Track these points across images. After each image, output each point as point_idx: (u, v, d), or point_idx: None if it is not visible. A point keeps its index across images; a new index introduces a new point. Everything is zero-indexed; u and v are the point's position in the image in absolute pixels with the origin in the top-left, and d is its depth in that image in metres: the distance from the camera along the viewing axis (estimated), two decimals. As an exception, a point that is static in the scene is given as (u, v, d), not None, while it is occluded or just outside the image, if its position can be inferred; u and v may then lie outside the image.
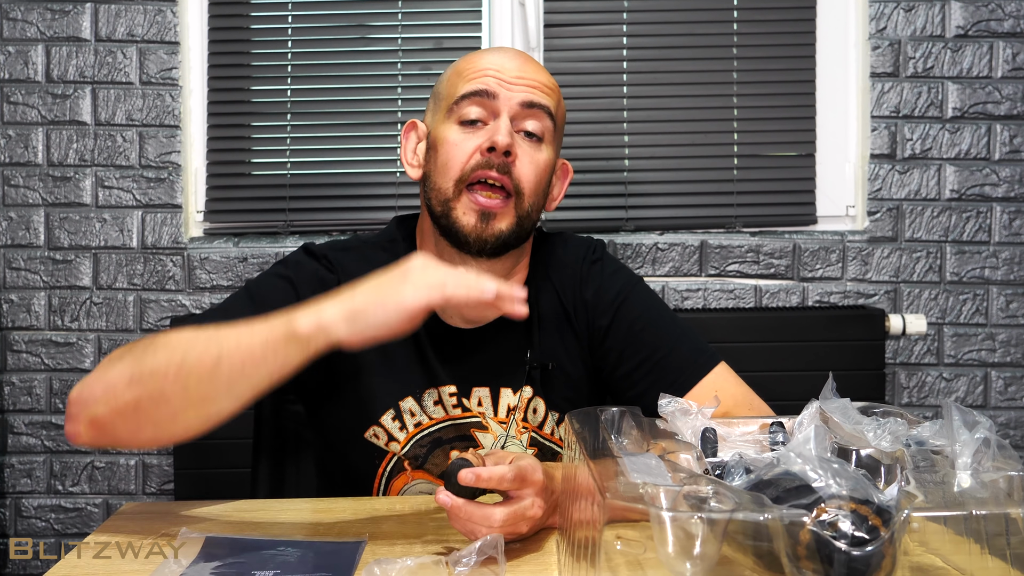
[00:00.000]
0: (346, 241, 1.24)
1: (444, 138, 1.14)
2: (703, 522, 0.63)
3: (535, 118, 1.14)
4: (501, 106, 1.12)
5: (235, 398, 0.93)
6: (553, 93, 1.17)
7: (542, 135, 1.15)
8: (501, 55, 1.16)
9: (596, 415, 0.85)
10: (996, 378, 2.09)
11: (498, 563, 0.83)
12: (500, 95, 1.12)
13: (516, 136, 1.13)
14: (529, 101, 1.13)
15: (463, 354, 1.18)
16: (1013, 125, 2.07)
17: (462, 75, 1.15)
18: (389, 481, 1.17)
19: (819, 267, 2.07)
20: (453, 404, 1.18)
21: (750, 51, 2.09)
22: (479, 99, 1.12)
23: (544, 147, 1.15)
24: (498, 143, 1.09)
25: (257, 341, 0.91)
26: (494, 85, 1.12)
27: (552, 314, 1.21)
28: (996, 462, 0.71)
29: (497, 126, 1.11)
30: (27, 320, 2.07)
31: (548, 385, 1.20)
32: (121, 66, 2.06)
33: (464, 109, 1.13)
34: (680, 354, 1.17)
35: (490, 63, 1.14)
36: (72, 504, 2.08)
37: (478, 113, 1.13)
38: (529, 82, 1.14)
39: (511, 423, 1.18)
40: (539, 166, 1.14)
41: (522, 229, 1.14)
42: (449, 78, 1.18)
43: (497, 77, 1.13)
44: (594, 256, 1.24)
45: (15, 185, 2.06)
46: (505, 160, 1.11)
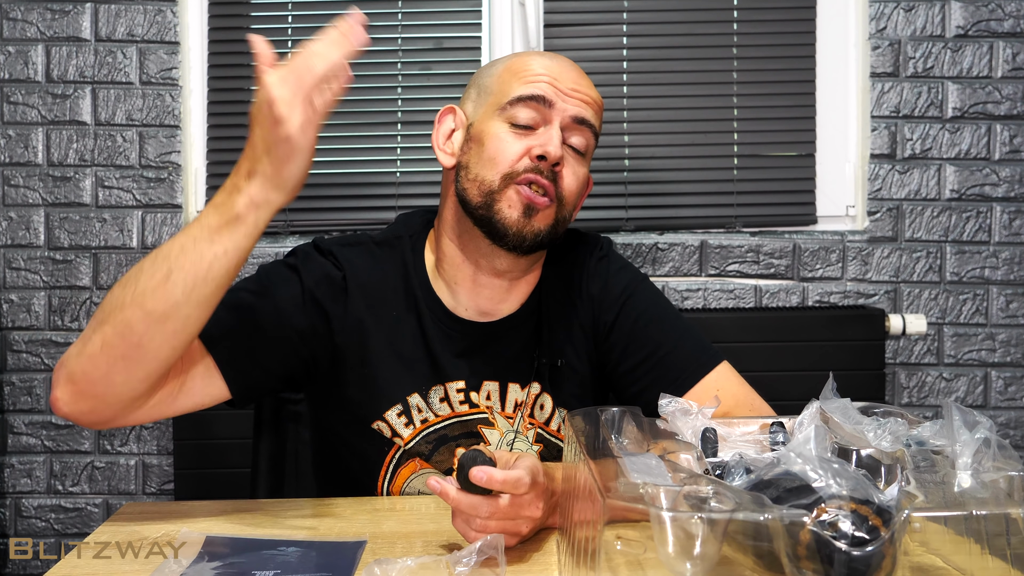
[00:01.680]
0: (354, 236, 1.24)
1: (493, 134, 1.13)
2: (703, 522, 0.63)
3: (582, 134, 1.15)
4: (555, 115, 1.12)
5: (196, 303, 0.94)
6: (600, 111, 1.18)
7: (585, 151, 1.16)
8: (558, 62, 1.15)
9: (596, 415, 0.85)
10: (996, 378, 2.09)
11: (498, 563, 0.83)
12: (556, 104, 1.12)
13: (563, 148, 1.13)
14: (581, 117, 1.13)
15: (474, 347, 1.19)
16: (1013, 125, 2.07)
17: (517, 75, 1.14)
18: (397, 468, 1.18)
19: (819, 267, 2.07)
20: (460, 400, 1.18)
21: (750, 51, 2.09)
22: (534, 104, 1.12)
23: (584, 161, 1.17)
24: (550, 154, 1.10)
25: (203, 239, 0.93)
26: (551, 93, 1.12)
27: (560, 310, 1.22)
28: (996, 462, 0.71)
29: (549, 135, 1.11)
30: (27, 320, 2.07)
31: (556, 382, 1.20)
32: (121, 66, 2.06)
33: (517, 110, 1.12)
34: (683, 352, 1.18)
35: (548, 69, 1.14)
36: (72, 504, 2.08)
37: (530, 118, 1.12)
38: (583, 96, 1.14)
39: (518, 419, 1.19)
40: (579, 179, 1.16)
41: (555, 233, 1.15)
42: (501, 75, 1.16)
43: (554, 85, 1.12)
44: (601, 253, 1.25)
45: (15, 185, 2.06)
46: (554, 170, 1.11)
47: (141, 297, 0.93)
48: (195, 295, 0.93)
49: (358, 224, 2.08)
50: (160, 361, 0.96)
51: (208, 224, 0.94)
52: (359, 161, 2.10)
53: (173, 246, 0.94)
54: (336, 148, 2.10)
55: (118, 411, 0.99)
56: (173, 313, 0.93)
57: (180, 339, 0.96)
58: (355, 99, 2.10)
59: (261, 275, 1.17)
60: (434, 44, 2.09)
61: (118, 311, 0.94)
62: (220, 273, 0.94)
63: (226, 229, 0.93)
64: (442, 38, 2.09)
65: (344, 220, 2.08)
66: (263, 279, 1.16)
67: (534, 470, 0.89)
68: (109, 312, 0.95)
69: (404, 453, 1.17)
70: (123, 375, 0.96)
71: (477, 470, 0.84)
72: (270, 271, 1.18)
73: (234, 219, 0.93)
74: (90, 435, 2.07)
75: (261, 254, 2.04)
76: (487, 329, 1.19)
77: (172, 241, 0.95)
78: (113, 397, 0.97)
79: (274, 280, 1.15)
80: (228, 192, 0.94)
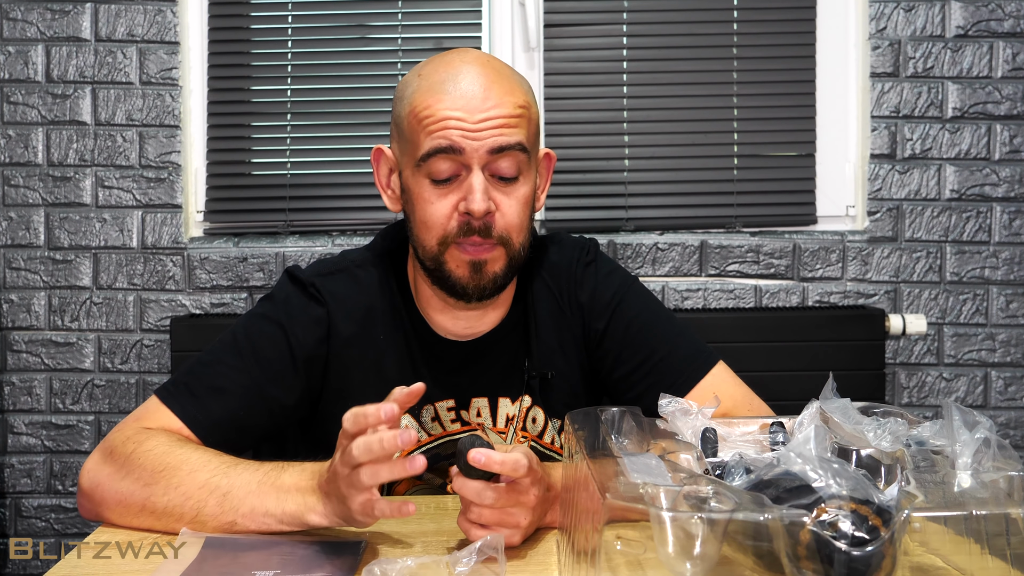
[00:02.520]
0: (333, 262, 1.21)
1: (418, 194, 1.08)
2: (703, 522, 0.63)
3: (507, 159, 1.07)
4: (470, 159, 1.05)
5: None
6: (523, 118, 1.08)
7: (517, 173, 1.08)
8: (460, 90, 1.05)
9: (596, 415, 0.85)
10: (996, 378, 2.09)
11: (498, 563, 0.82)
12: (467, 148, 1.04)
13: (491, 186, 1.07)
14: (498, 146, 1.05)
15: (460, 366, 1.18)
16: (1013, 125, 2.07)
17: (423, 123, 1.06)
18: (392, 487, 1.17)
19: (819, 267, 2.07)
20: (451, 419, 1.17)
21: (750, 51, 2.09)
22: (446, 155, 1.05)
23: (522, 180, 1.09)
24: (474, 212, 1.04)
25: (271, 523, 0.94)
26: (458, 138, 1.04)
27: (549, 319, 1.20)
28: (996, 462, 0.71)
29: (471, 186, 1.05)
30: (27, 320, 2.07)
31: (547, 393, 1.19)
32: (121, 66, 2.06)
33: (432, 167, 1.06)
34: (678, 355, 1.17)
35: (449, 107, 1.05)
36: (72, 504, 2.08)
37: (448, 170, 1.06)
38: (495, 121, 1.05)
39: (510, 433, 1.18)
40: (521, 202, 1.09)
41: (514, 267, 1.12)
42: (407, 118, 1.09)
43: (460, 127, 1.04)
44: (587, 258, 1.22)
45: (15, 185, 2.06)
46: (485, 221, 1.06)
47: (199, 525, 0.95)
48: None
49: (357, 224, 2.08)
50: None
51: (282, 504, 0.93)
52: (359, 161, 2.10)
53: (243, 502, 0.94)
54: (336, 148, 2.10)
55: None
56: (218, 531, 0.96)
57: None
58: (355, 99, 2.10)
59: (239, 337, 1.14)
60: (434, 44, 2.09)
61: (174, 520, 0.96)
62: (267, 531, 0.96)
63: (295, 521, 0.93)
64: (442, 38, 2.09)
65: (344, 220, 2.08)
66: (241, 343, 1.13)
67: (529, 455, 0.89)
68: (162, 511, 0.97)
69: None
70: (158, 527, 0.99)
71: (476, 452, 0.84)
72: (251, 330, 1.14)
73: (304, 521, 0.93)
74: (90, 435, 2.07)
75: (261, 254, 2.04)
76: (471, 347, 1.18)
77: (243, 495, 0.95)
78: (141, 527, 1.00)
79: (257, 340, 1.13)
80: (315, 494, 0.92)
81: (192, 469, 0.97)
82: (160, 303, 2.06)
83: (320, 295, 1.15)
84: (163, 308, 2.06)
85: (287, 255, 2.05)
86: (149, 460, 0.99)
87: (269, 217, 2.08)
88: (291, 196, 2.08)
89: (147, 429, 1.06)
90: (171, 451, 1.00)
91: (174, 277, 2.06)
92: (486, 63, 1.09)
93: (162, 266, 2.06)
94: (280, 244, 2.06)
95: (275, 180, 2.10)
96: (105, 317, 2.07)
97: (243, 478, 0.95)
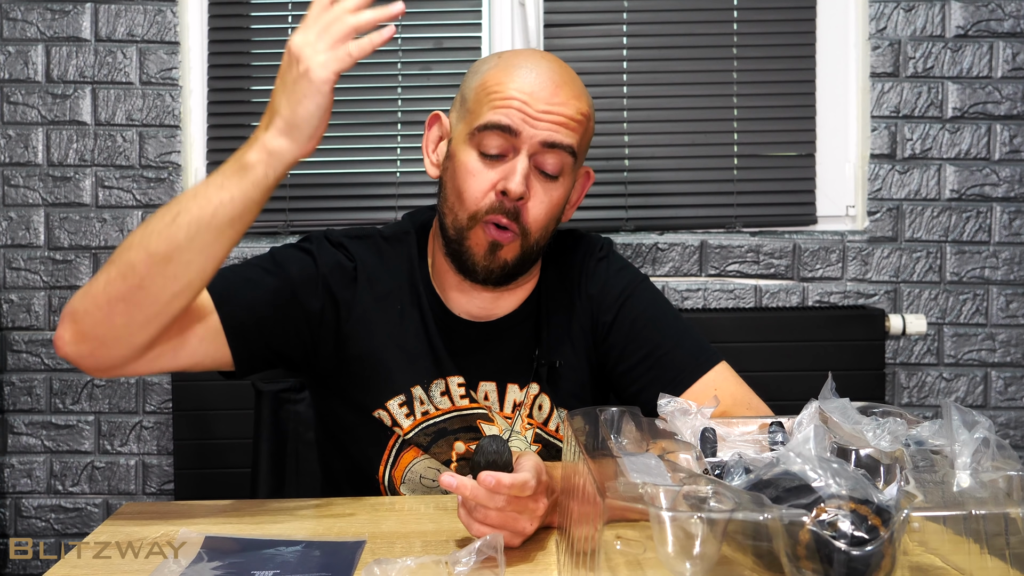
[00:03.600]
0: (362, 230, 1.25)
1: (463, 162, 1.11)
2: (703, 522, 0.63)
3: (555, 156, 1.11)
4: (522, 143, 1.09)
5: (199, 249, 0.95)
6: (580, 125, 1.12)
7: (559, 173, 1.12)
8: (534, 76, 1.10)
9: (596, 415, 0.85)
10: (996, 378, 2.09)
11: (498, 563, 0.83)
12: (523, 133, 1.08)
13: (532, 176, 1.10)
14: (551, 141, 1.09)
15: (471, 348, 1.19)
16: (1013, 125, 2.07)
17: (489, 95, 1.10)
18: (398, 455, 1.18)
19: (819, 267, 2.07)
20: (461, 395, 1.19)
21: (750, 51, 2.09)
22: (501, 133, 1.08)
23: (561, 181, 1.13)
24: (511, 191, 1.08)
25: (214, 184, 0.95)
26: (517, 120, 1.08)
27: (560, 311, 1.22)
28: (995, 462, 0.71)
29: (514, 168, 1.08)
30: (27, 320, 2.07)
31: (554, 382, 1.20)
32: (121, 66, 2.06)
33: (485, 140, 1.09)
34: (681, 352, 1.18)
35: (519, 88, 1.09)
36: (72, 504, 2.08)
37: (498, 147, 1.09)
38: (555, 117, 1.09)
39: (516, 419, 1.19)
40: (551, 204, 1.13)
41: (527, 260, 1.15)
42: (476, 90, 1.13)
43: (522, 110, 1.08)
44: (600, 253, 1.25)
45: (15, 185, 2.06)
46: (516, 205, 1.10)
47: (147, 238, 0.95)
48: (198, 240, 0.95)
49: (357, 224, 2.08)
50: (160, 305, 0.97)
51: (222, 171, 0.96)
52: (359, 161, 2.10)
53: (187, 192, 0.97)
54: (336, 148, 2.10)
55: (118, 357, 1.00)
56: (175, 256, 0.95)
57: (179, 284, 0.96)
58: (355, 99, 2.10)
59: (275, 253, 1.18)
60: (434, 44, 2.09)
61: (124, 252, 0.96)
62: (224, 220, 0.95)
63: (236, 176, 0.95)
64: (442, 38, 2.09)
65: (344, 220, 2.08)
66: (277, 257, 1.17)
67: (538, 469, 0.89)
68: (118, 254, 0.97)
69: (403, 442, 1.18)
70: (123, 317, 0.96)
71: (486, 475, 0.85)
72: (284, 252, 1.19)
73: (245, 166, 0.95)
74: (90, 435, 2.07)
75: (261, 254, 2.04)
76: (483, 329, 1.20)
77: (189, 189, 0.98)
78: (113, 340, 0.98)
79: (289, 259, 1.17)
80: (247, 143, 0.97)
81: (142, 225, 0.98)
82: (160, 303, 2.06)
83: (350, 254, 1.20)
84: (163, 308, 2.06)
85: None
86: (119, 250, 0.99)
87: (269, 217, 2.08)
88: (291, 196, 2.08)
89: None
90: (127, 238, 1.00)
91: (174, 277, 2.06)
92: (564, 66, 1.15)
93: (162, 266, 2.06)
94: (280, 244, 2.06)
95: (275, 180, 2.09)
96: (105, 317, 2.07)
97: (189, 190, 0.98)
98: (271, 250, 1.20)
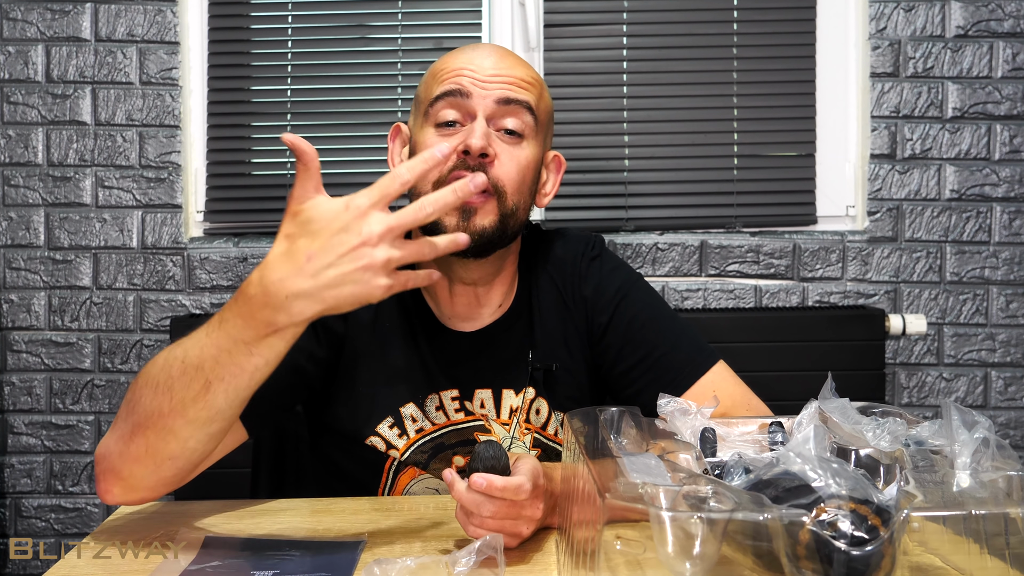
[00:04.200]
0: None
1: (422, 142, 1.11)
2: (703, 522, 0.63)
3: (514, 115, 1.10)
4: (476, 105, 1.09)
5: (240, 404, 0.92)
6: (533, 87, 1.13)
7: (523, 132, 1.11)
8: (476, 52, 1.13)
9: (595, 415, 0.85)
10: (996, 378, 2.09)
11: (498, 563, 0.83)
12: (474, 94, 1.09)
13: (495, 136, 1.09)
14: (505, 98, 1.09)
15: (464, 357, 1.18)
16: (1013, 125, 2.07)
17: (436, 76, 1.12)
18: (395, 477, 1.18)
19: (819, 267, 2.07)
20: (455, 408, 1.17)
21: (750, 51, 2.09)
22: (453, 99, 1.09)
23: (526, 143, 1.11)
24: (471, 146, 1.06)
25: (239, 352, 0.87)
26: (467, 84, 1.09)
27: (553, 312, 1.21)
28: (995, 462, 0.71)
29: (472, 128, 1.08)
30: (27, 320, 2.07)
31: (551, 385, 1.19)
32: (121, 66, 2.06)
33: (439, 112, 1.10)
34: (679, 352, 1.17)
35: (464, 62, 1.11)
36: (72, 504, 2.08)
37: (454, 115, 1.10)
38: (505, 78, 1.10)
39: (514, 425, 1.18)
40: (521, 163, 1.10)
41: (507, 227, 1.11)
42: (426, 80, 1.15)
43: (471, 76, 1.10)
44: (593, 252, 1.23)
45: (15, 185, 2.06)
46: (481, 161, 1.07)
47: (181, 406, 0.90)
48: (238, 400, 0.91)
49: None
50: (204, 453, 0.96)
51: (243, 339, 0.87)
52: (359, 161, 2.10)
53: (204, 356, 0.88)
54: (336, 148, 2.10)
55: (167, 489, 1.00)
56: (217, 417, 0.91)
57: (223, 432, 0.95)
58: (355, 99, 2.10)
59: None
60: (434, 44, 2.09)
61: (159, 418, 0.91)
62: (261, 378, 0.91)
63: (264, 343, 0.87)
64: (442, 38, 2.09)
65: (344, 220, 2.08)
66: None
67: (535, 473, 0.89)
68: (147, 417, 0.92)
69: (400, 464, 1.17)
70: (171, 470, 0.95)
71: (478, 477, 0.85)
72: None
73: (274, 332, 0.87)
74: (90, 435, 2.07)
75: (261, 254, 2.04)
76: (474, 338, 1.19)
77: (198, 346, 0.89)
78: (162, 485, 0.98)
79: None
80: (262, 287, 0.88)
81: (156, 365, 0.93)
82: (160, 303, 2.06)
83: None
84: (163, 308, 2.06)
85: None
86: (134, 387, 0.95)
87: (269, 217, 2.08)
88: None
89: None
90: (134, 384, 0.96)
91: (174, 277, 2.06)
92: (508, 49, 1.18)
93: (162, 266, 2.06)
94: (280, 244, 2.06)
95: (275, 180, 2.10)
96: (105, 317, 2.07)
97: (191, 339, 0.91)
98: None
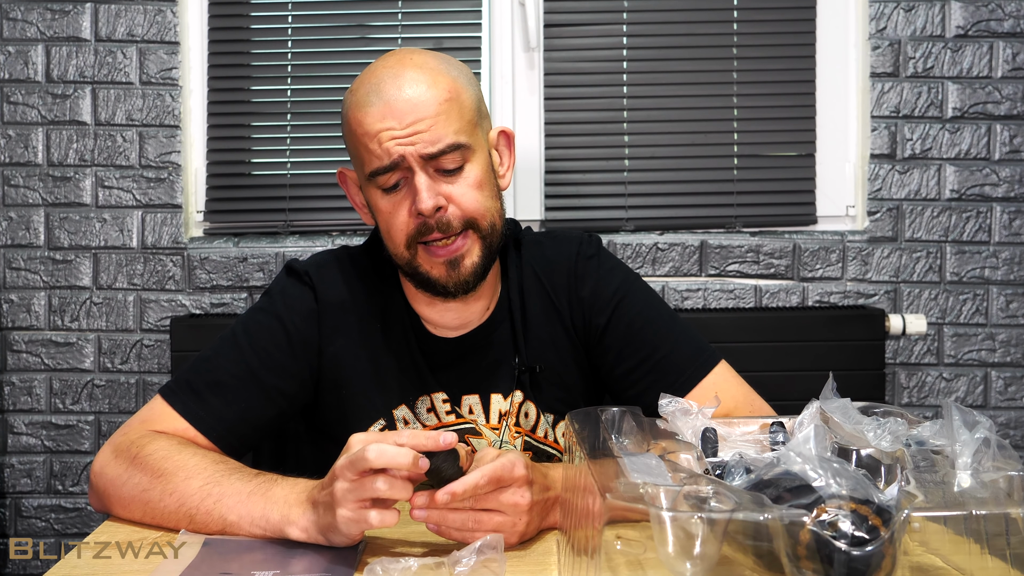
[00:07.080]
0: (329, 253, 1.24)
1: (375, 204, 1.12)
2: (703, 522, 0.63)
3: (447, 157, 1.08)
4: (410, 163, 1.07)
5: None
6: (449, 111, 1.08)
7: (462, 162, 1.09)
8: (383, 101, 1.08)
9: (596, 415, 0.85)
10: (996, 378, 2.09)
11: (498, 563, 0.83)
12: (405, 155, 1.07)
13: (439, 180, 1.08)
14: (429, 154, 1.07)
15: (450, 363, 1.18)
16: (1013, 125, 2.07)
17: (362, 143, 1.09)
18: None
19: (819, 267, 2.07)
20: (447, 411, 1.17)
21: (750, 51, 2.09)
22: (388, 172, 1.08)
23: (470, 165, 1.10)
24: (423, 211, 1.07)
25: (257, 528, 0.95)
26: (394, 151, 1.07)
27: (541, 316, 1.20)
28: (996, 462, 0.71)
29: (416, 187, 1.07)
30: (27, 320, 2.07)
31: (538, 388, 1.19)
32: (121, 66, 2.06)
33: (380, 182, 1.09)
34: (680, 353, 1.17)
35: (379, 118, 1.07)
36: (72, 504, 2.08)
37: (394, 179, 1.09)
38: (421, 125, 1.06)
39: (504, 428, 1.18)
40: (473, 187, 1.10)
41: (492, 249, 1.13)
42: (348, 137, 1.13)
43: (392, 137, 1.07)
44: (588, 252, 1.22)
45: (15, 185, 2.06)
46: (440, 215, 1.08)
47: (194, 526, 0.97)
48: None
49: (357, 224, 2.08)
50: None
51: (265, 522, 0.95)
52: (359, 161, 2.09)
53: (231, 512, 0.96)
54: (336, 148, 2.10)
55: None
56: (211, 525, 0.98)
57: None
58: (355, 99, 2.10)
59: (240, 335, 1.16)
60: (434, 44, 2.09)
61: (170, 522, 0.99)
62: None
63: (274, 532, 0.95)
64: (442, 38, 2.09)
65: (344, 220, 2.08)
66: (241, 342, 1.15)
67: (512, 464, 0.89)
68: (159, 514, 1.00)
69: None
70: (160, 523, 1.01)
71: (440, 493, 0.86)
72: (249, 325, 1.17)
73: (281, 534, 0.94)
74: (90, 435, 2.07)
75: (261, 254, 2.04)
76: (459, 343, 1.19)
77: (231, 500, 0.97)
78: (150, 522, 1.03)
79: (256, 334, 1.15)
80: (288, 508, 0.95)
81: (188, 475, 0.99)
82: (160, 303, 2.06)
83: (313, 283, 1.18)
84: (163, 308, 2.06)
85: (287, 255, 2.05)
86: (150, 464, 1.02)
87: (269, 217, 2.08)
88: (291, 196, 2.08)
89: (152, 432, 1.08)
90: (170, 456, 1.02)
91: (174, 277, 2.06)
92: (406, 61, 1.11)
93: (162, 266, 2.06)
94: (280, 244, 2.06)
95: (275, 180, 2.10)
96: (105, 317, 2.07)
97: (235, 487, 0.97)
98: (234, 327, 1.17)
